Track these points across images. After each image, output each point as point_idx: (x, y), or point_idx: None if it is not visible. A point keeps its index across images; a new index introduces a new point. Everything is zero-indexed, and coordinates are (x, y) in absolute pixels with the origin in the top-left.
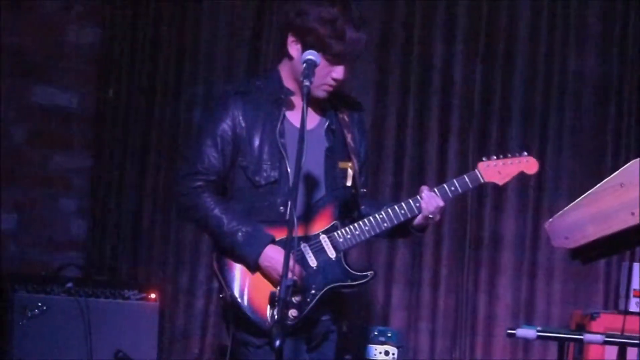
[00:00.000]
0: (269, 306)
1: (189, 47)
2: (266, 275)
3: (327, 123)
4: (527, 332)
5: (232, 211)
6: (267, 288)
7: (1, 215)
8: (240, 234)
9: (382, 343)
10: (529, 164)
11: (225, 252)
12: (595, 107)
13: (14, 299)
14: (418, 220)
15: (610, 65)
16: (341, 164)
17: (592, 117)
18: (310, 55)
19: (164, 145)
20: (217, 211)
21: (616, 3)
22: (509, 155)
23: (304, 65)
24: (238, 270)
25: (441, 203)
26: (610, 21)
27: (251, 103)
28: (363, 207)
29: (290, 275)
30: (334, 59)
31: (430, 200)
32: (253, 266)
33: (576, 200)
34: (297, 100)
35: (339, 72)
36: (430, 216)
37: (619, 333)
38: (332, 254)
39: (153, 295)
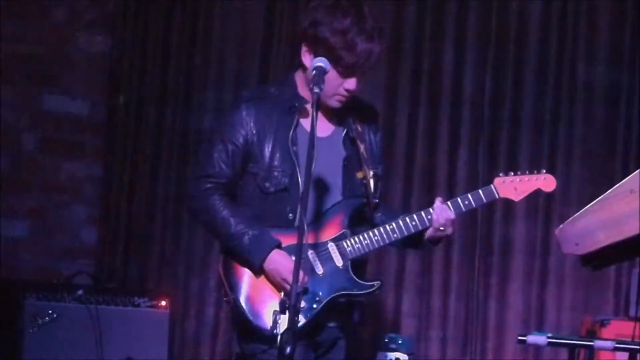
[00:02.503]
0: (272, 311)
1: (199, 55)
2: (270, 280)
3: (344, 131)
4: (537, 339)
5: (241, 214)
6: (271, 293)
7: (13, 222)
8: (247, 237)
9: (393, 350)
10: (546, 182)
11: (232, 254)
12: (605, 115)
13: (25, 306)
14: (429, 233)
15: (620, 72)
16: (358, 174)
17: (602, 125)
18: (320, 62)
19: (175, 152)
20: (225, 213)
21: (626, 11)
22: (527, 172)
23: (314, 72)
24: (243, 275)
25: (452, 216)
26: (620, 29)
27: (264, 110)
28: (378, 215)
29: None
30: (345, 71)
31: (441, 213)
32: (258, 269)
33: (586, 207)
34: (311, 108)
35: (351, 83)
36: (442, 229)
37: (630, 340)
38: (339, 262)
39: (163, 303)
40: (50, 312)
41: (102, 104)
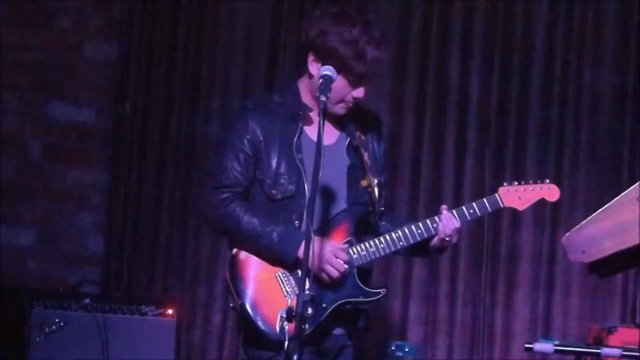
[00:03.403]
0: (279, 317)
1: (205, 62)
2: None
3: (347, 140)
4: (544, 347)
5: (262, 216)
6: (278, 300)
7: (19, 231)
8: (275, 233)
9: (400, 357)
10: (550, 191)
11: (260, 254)
12: (612, 121)
13: (32, 315)
14: (434, 242)
15: (626, 78)
16: (362, 182)
17: (609, 131)
18: (327, 70)
19: (181, 159)
20: (248, 216)
21: (632, 15)
22: (531, 181)
23: (321, 80)
24: (250, 281)
25: (458, 224)
26: (626, 34)
27: (269, 117)
28: (383, 223)
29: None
30: (355, 80)
31: (447, 223)
32: (293, 262)
33: (593, 215)
34: (315, 115)
35: (359, 91)
36: (447, 238)
37: (637, 347)
38: None
39: (170, 311)
40: (57, 320)
41: (108, 111)
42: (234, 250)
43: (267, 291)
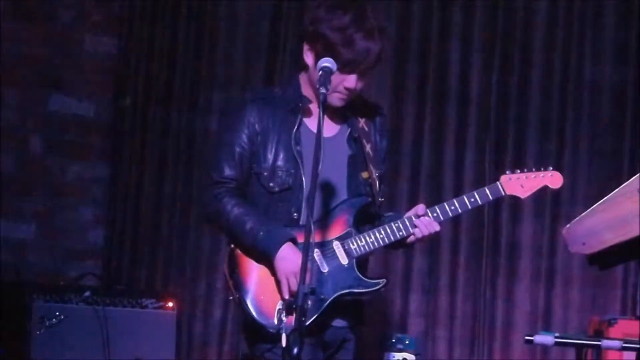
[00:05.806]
0: (277, 310)
1: (205, 55)
2: (280, 273)
3: (348, 131)
4: (545, 339)
5: (253, 212)
6: (276, 292)
7: (19, 224)
8: (261, 232)
9: (400, 350)
10: (553, 178)
11: (249, 252)
12: (612, 115)
13: (32, 308)
14: (411, 239)
15: (626, 72)
16: (362, 173)
17: (609, 124)
18: (327, 62)
19: (181, 153)
20: (237, 213)
21: (632, 11)
22: (534, 169)
23: (320, 72)
24: (248, 274)
25: (437, 228)
26: (626, 29)
27: (267, 110)
28: (382, 215)
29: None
30: (344, 68)
31: (428, 227)
32: (273, 262)
33: (593, 207)
34: (314, 107)
35: (350, 81)
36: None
37: (637, 339)
38: (344, 260)
39: (171, 304)
40: (57, 313)
41: (108, 106)
42: (232, 245)
43: (265, 284)
